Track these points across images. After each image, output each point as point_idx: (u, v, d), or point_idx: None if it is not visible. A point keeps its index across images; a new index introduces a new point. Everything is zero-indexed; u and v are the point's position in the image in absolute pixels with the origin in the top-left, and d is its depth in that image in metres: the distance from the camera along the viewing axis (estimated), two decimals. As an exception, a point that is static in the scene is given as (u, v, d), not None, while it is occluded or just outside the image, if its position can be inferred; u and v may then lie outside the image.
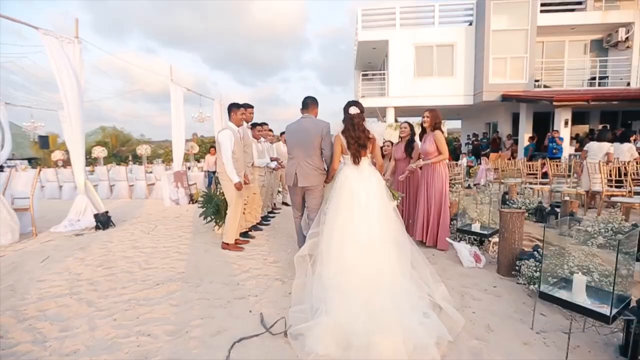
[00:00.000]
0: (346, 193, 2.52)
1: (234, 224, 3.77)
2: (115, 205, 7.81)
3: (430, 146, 3.79)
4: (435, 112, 3.85)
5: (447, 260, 3.31)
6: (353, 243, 2.32)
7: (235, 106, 3.77)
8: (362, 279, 2.17)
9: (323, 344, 1.79)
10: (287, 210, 6.43)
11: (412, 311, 2.01)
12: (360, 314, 1.93)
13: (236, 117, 3.76)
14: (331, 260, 2.28)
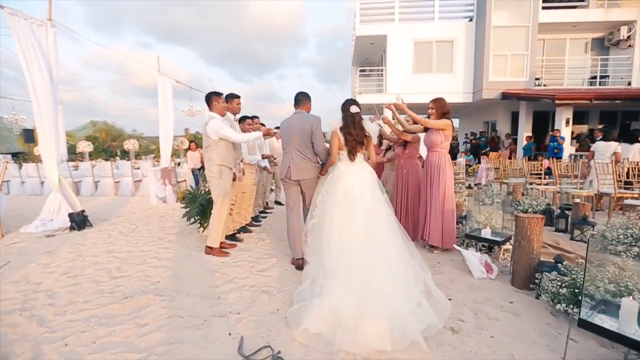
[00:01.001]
0: (341, 186, 2.68)
1: (219, 225, 3.41)
2: (98, 203, 7.39)
3: (436, 136, 3.47)
4: (441, 102, 3.53)
5: (454, 269, 2.99)
6: (349, 233, 2.43)
7: (216, 94, 3.39)
8: (359, 266, 2.24)
9: (315, 323, 1.92)
10: (280, 210, 6.07)
11: (406, 299, 2.09)
12: (352, 299, 2.03)
13: (218, 107, 3.38)
14: (331, 251, 2.39)
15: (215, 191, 3.36)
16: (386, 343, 1.76)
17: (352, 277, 2.19)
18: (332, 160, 2.97)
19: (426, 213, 3.56)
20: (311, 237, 2.76)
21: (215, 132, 3.25)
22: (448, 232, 3.44)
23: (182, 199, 4.09)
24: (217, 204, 3.37)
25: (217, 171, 3.31)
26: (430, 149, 3.59)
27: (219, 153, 3.31)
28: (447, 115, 3.49)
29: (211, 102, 3.38)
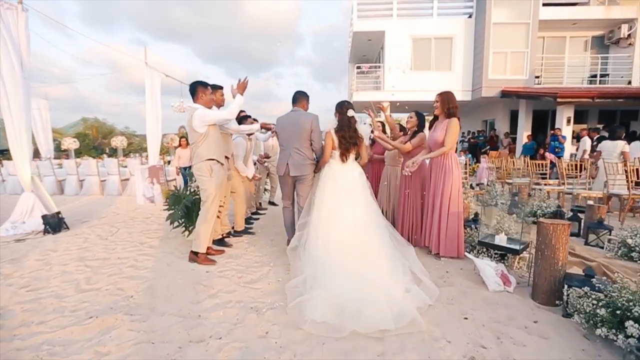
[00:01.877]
0: (331, 183, 2.87)
1: (207, 229, 3.07)
2: (81, 203, 6.99)
3: (441, 135, 3.17)
4: (447, 95, 3.23)
5: (466, 280, 2.68)
6: (339, 227, 2.63)
7: (202, 85, 3.04)
8: (352, 258, 2.44)
9: (319, 312, 2.03)
10: (273, 211, 5.74)
11: (396, 285, 2.29)
12: (351, 287, 2.18)
13: (205, 99, 3.04)
14: (320, 243, 2.57)
15: (205, 191, 3.02)
16: (389, 322, 1.93)
17: (347, 268, 2.36)
18: (324, 160, 3.08)
19: (431, 218, 3.26)
20: (304, 234, 2.82)
21: (203, 121, 2.90)
22: (456, 240, 3.14)
23: (166, 199, 3.73)
24: (206, 205, 3.03)
25: (207, 168, 2.97)
26: (434, 147, 3.29)
27: (208, 147, 2.98)
28: (453, 111, 3.18)
29: (196, 93, 3.03)
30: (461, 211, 3.19)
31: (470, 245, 3.34)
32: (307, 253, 2.64)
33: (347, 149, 2.96)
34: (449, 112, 3.17)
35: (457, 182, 3.17)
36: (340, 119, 3.02)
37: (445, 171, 3.16)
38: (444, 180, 3.15)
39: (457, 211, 3.14)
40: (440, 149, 3.14)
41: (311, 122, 3.14)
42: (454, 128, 3.12)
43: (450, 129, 3.11)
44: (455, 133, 3.14)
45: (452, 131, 3.11)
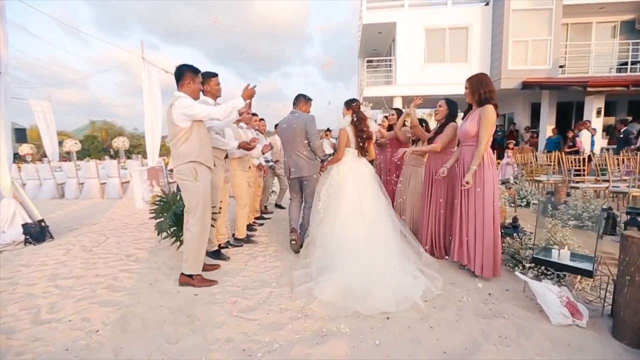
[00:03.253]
0: (348, 179, 2.95)
1: (199, 246, 2.55)
2: (78, 208, 6.64)
3: (472, 126, 2.60)
4: (478, 78, 2.64)
5: (517, 307, 2.11)
6: (355, 219, 2.75)
7: (190, 70, 2.52)
8: (363, 246, 2.57)
9: (328, 292, 2.20)
10: (279, 215, 5.23)
11: (403, 273, 2.42)
12: (359, 272, 2.34)
13: (193, 87, 2.53)
14: (336, 238, 2.67)
15: (190, 199, 2.50)
16: (391, 305, 2.06)
17: (357, 255, 2.50)
18: (338, 157, 3.09)
19: (462, 228, 2.69)
20: (317, 232, 2.86)
21: (187, 114, 2.39)
22: (492, 255, 2.56)
23: (153, 206, 3.27)
24: (194, 217, 2.50)
25: (190, 171, 2.46)
26: (464, 141, 2.71)
27: (191, 146, 2.46)
28: (488, 96, 2.57)
29: (183, 79, 2.50)
30: (497, 219, 2.61)
31: (511, 259, 2.76)
32: (320, 248, 2.72)
33: (365, 142, 3.07)
34: (482, 98, 2.57)
35: (494, 184, 2.58)
36: (354, 115, 3.09)
37: (480, 174, 2.58)
38: (477, 183, 2.58)
39: (493, 220, 2.56)
40: (477, 151, 2.54)
41: (305, 123, 3.23)
42: (488, 117, 2.51)
43: (485, 119, 2.52)
44: (490, 124, 2.53)
45: (487, 122, 2.52)
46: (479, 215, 2.56)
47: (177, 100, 2.38)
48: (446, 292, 2.37)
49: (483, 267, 2.56)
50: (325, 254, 2.61)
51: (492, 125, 2.54)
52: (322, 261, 2.57)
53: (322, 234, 2.79)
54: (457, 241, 2.73)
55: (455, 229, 2.79)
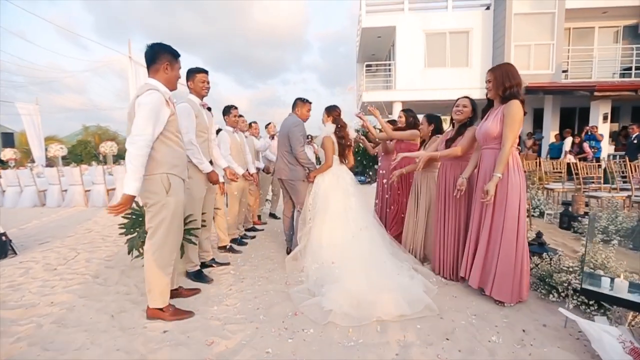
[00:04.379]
0: (334, 186, 3.05)
1: (164, 273, 2.06)
2: (58, 217, 6.17)
3: (494, 125, 2.21)
4: (504, 69, 2.24)
5: (567, 352, 1.69)
6: (344, 229, 2.82)
7: (168, 52, 2.05)
8: (359, 252, 2.64)
9: (337, 303, 2.10)
10: (274, 225, 4.80)
11: (400, 275, 2.48)
12: (363, 280, 2.33)
13: (169, 75, 2.06)
14: (324, 245, 2.76)
15: (153, 217, 2.02)
16: (405, 308, 2.07)
17: (354, 265, 2.49)
18: (328, 164, 3.11)
19: (481, 246, 2.28)
20: (307, 241, 2.89)
21: (159, 113, 1.93)
22: (519, 278, 2.16)
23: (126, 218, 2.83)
24: (156, 237, 2.02)
25: (160, 183, 1.99)
26: (485, 143, 2.32)
27: (165, 152, 2.00)
28: (514, 91, 2.18)
29: (158, 62, 2.01)
30: (524, 233, 2.21)
31: (540, 283, 2.34)
32: (311, 257, 2.72)
33: (345, 149, 3.15)
34: (506, 93, 2.18)
35: (520, 192, 2.18)
36: (336, 121, 3.14)
37: (504, 179, 2.18)
38: (500, 190, 2.18)
39: (518, 234, 2.16)
40: (501, 154, 2.15)
41: (288, 127, 3.20)
42: (514, 115, 2.12)
43: (509, 117, 2.13)
44: (516, 122, 2.13)
45: (512, 119, 2.12)
46: (502, 229, 2.16)
47: (146, 91, 1.91)
48: (470, 327, 1.95)
49: (506, 291, 2.15)
50: (322, 265, 2.60)
51: (518, 123, 2.14)
52: (318, 273, 2.55)
53: (314, 244, 2.81)
54: (480, 262, 2.32)
55: (471, 246, 2.38)
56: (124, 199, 1.85)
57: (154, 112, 1.91)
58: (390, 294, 2.16)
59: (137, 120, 1.87)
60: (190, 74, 2.64)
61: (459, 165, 2.65)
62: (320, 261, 2.65)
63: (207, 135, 2.72)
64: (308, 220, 3.02)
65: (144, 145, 1.86)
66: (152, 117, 1.91)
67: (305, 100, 3.33)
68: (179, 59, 2.13)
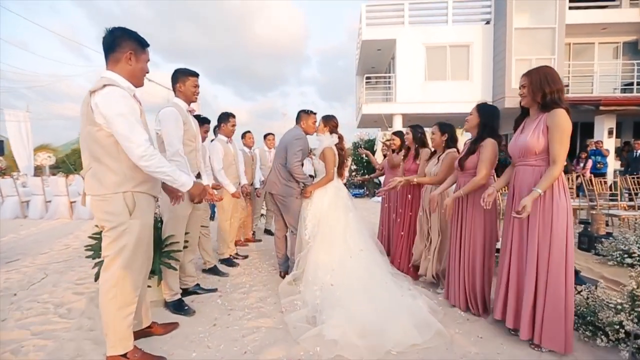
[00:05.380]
0: (332, 202, 2.82)
1: (121, 317, 1.64)
2: (39, 230, 5.75)
3: (535, 139, 1.85)
4: (542, 72, 1.90)
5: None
6: (345, 248, 2.64)
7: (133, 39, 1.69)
8: (358, 277, 2.45)
9: (342, 331, 1.93)
10: (268, 244, 4.42)
11: (404, 296, 2.33)
12: (366, 303, 2.20)
13: (134, 67, 1.69)
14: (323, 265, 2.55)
15: (115, 243, 1.61)
16: (415, 336, 1.92)
17: (357, 288, 2.35)
18: (329, 177, 2.89)
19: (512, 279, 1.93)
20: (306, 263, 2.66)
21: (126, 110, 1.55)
22: (563, 322, 1.79)
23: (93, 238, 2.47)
24: (116, 272, 1.61)
25: (121, 204, 1.60)
26: (522, 159, 1.96)
27: (126, 165, 1.60)
28: (556, 97, 1.83)
29: (115, 51, 1.63)
30: (572, 270, 1.85)
31: (580, 321, 1.98)
32: (310, 281, 2.54)
33: (343, 162, 2.99)
34: (547, 100, 1.83)
35: (567, 219, 1.83)
36: (333, 132, 2.97)
37: (548, 203, 1.84)
38: (543, 216, 1.83)
39: (566, 270, 1.80)
40: (550, 172, 1.78)
41: (287, 140, 2.95)
42: (563, 127, 1.76)
43: (558, 130, 1.76)
44: (566, 135, 1.76)
45: (562, 133, 1.76)
46: (548, 262, 1.81)
47: (104, 90, 1.54)
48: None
49: (559, 339, 1.78)
50: (321, 288, 2.41)
51: (567, 136, 1.80)
52: (317, 296, 2.35)
53: (311, 266, 2.59)
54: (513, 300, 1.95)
55: (502, 279, 2.02)
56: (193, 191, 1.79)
57: (130, 114, 1.56)
58: (398, 319, 2.02)
59: (123, 133, 1.53)
60: (181, 76, 2.32)
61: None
62: (319, 284, 2.46)
63: (194, 144, 2.38)
64: (306, 240, 2.75)
65: (151, 151, 1.58)
66: (132, 119, 1.56)
67: (310, 111, 3.07)
68: (147, 49, 1.77)
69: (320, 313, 2.16)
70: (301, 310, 2.30)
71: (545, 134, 1.83)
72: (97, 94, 1.53)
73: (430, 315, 2.12)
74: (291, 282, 2.73)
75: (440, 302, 2.49)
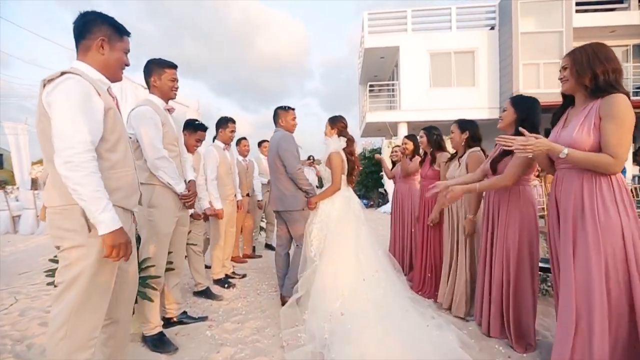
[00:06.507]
0: (348, 214, 2.48)
1: None
2: (26, 246, 5.43)
3: (584, 135, 1.45)
4: (591, 50, 1.51)
5: None
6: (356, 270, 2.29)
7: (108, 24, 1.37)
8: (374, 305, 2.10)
9: None
10: (269, 260, 4.02)
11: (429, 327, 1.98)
12: (384, 338, 1.86)
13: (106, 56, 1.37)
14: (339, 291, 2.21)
15: (69, 269, 1.24)
16: None
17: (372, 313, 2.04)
18: (336, 186, 2.54)
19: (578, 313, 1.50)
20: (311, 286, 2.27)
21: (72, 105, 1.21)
22: None
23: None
24: (69, 305, 1.23)
25: (78, 219, 1.24)
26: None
27: None
28: (611, 79, 1.44)
29: (85, 38, 1.34)
30: None
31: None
32: (316, 307, 2.16)
33: (353, 169, 2.65)
34: (598, 82, 1.44)
35: (632, 230, 1.44)
36: (342, 134, 2.62)
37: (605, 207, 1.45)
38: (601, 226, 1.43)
39: None
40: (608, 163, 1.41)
41: (277, 144, 2.56)
42: (624, 113, 1.38)
43: (616, 116, 1.38)
44: (627, 123, 1.39)
45: (622, 120, 1.38)
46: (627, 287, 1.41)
47: (61, 78, 1.22)
48: None
49: None
50: (330, 319, 2.05)
51: (629, 129, 1.42)
52: (325, 329, 1.98)
53: (318, 289, 2.24)
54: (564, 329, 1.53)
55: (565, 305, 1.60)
56: (109, 241, 1.22)
57: (77, 105, 1.23)
58: (422, 356, 1.72)
59: (58, 125, 1.20)
60: (156, 68, 2.00)
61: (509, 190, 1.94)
62: (327, 313, 2.10)
63: (177, 149, 2.03)
64: (312, 258, 2.41)
65: (84, 160, 1.19)
66: (78, 112, 1.22)
67: (287, 107, 2.75)
68: (126, 38, 1.46)
69: (329, 350, 1.84)
70: (306, 345, 1.94)
71: (598, 127, 1.44)
72: (52, 82, 1.22)
73: (461, 350, 1.78)
74: (294, 305, 2.34)
75: (471, 332, 2.09)
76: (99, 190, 1.21)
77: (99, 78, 1.37)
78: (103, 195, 1.22)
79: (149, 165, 1.86)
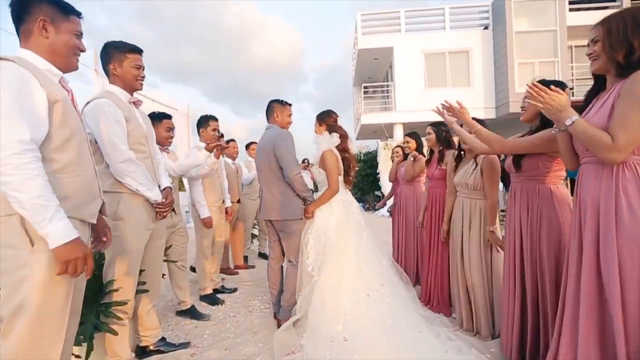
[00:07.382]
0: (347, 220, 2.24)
1: None
2: None
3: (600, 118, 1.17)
4: (628, 18, 1.15)
5: None
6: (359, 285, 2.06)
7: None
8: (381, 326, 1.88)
9: None
10: (263, 270, 3.71)
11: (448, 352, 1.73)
12: None
13: (51, 40, 1.11)
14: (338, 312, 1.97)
15: (13, 295, 0.98)
16: None
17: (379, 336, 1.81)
18: (333, 190, 2.25)
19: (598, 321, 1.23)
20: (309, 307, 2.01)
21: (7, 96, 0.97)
22: None
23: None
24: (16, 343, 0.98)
25: (19, 232, 0.99)
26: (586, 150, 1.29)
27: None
28: None
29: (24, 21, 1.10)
30: None
31: None
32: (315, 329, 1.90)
33: (350, 168, 2.38)
34: (632, 59, 1.13)
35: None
36: (332, 130, 2.33)
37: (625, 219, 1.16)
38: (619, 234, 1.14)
39: None
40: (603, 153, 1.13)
41: (273, 142, 2.21)
42: None
43: (629, 92, 1.09)
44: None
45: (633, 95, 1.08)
46: None
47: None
48: None
49: None
50: (331, 344, 1.81)
51: None
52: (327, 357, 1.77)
53: (316, 308, 1.98)
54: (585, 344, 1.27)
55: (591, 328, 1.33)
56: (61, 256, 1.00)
57: (12, 98, 0.97)
58: None
59: None
60: (115, 52, 1.64)
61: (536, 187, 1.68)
62: (328, 338, 1.85)
63: (147, 149, 1.73)
64: (309, 273, 2.15)
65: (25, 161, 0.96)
66: (13, 106, 0.97)
67: (285, 102, 2.43)
68: (75, 18, 1.19)
69: None
70: None
71: (612, 107, 1.15)
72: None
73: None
74: (290, 328, 2.08)
75: (494, 354, 1.82)
76: (43, 196, 0.97)
77: (48, 68, 1.13)
78: (50, 202, 0.98)
79: (113, 171, 1.56)
